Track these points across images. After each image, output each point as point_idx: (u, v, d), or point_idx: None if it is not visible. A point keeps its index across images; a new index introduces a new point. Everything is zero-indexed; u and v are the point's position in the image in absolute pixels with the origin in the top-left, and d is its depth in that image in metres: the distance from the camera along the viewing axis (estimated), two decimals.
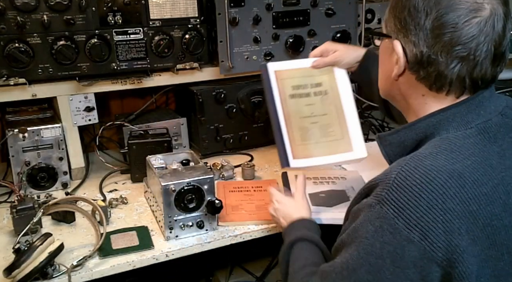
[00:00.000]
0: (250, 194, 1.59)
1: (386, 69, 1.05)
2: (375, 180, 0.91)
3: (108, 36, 1.68)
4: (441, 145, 0.91)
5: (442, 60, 0.92)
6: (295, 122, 1.47)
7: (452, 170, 0.85)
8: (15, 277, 1.15)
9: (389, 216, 0.84)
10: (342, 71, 1.54)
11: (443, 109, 0.96)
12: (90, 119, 1.76)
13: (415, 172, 0.85)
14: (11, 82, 1.59)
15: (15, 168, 1.63)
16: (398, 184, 0.85)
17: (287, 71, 1.51)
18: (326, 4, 1.90)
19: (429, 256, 0.82)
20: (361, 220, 0.88)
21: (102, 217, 1.36)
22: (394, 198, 0.84)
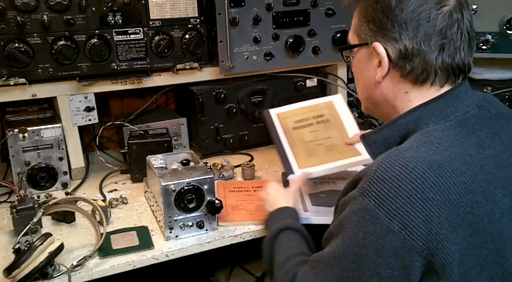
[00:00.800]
0: (250, 194, 1.59)
1: (366, 77, 1.07)
2: (359, 173, 0.94)
3: (108, 36, 1.68)
4: (421, 138, 0.94)
5: (426, 49, 0.96)
6: (300, 145, 1.55)
7: (431, 160, 0.87)
8: (15, 277, 1.15)
9: (370, 207, 0.86)
10: (340, 100, 1.65)
11: (422, 105, 0.99)
12: (90, 119, 1.76)
13: (395, 163, 0.87)
14: (11, 82, 1.59)
15: (15, 168, 1.63)
16: (378, 175, 0.87)
17: (289, 112, 1.64)
18: (326, 4, 1.91)
19: (409, 245, 0.84)
20: (346, 212, 0.92)
21: (102, 217, 1.36)
22: (375, 189, 0.87)
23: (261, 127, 1.99)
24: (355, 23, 1.07)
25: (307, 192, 1.60)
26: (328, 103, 1.65)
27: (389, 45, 0.99)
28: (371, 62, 1.03)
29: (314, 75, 2.04)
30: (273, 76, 1.96)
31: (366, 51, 1.04)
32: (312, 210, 1.49)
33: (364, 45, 1.04)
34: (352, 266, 0.89)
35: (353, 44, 1.08)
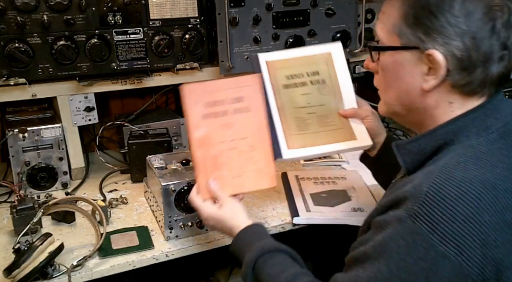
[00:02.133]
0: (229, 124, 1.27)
1: (406, 83, 0.97)
2: (402, 192, 0.87)
3: (108, 36, 1.68)
4: (466, 153, 0.89)
5: (490, 61, 0.90)
6: (290, 113, 1.36)
7: (484, 180, 0.83)
8: (15, 277, 1.15)
9: (422, 231, 0.81)
10: (340, 51, 1.43)
11: (462, 115, 0.94)
12: (90, 119, 1.76)
13: (448, 184, 0.82)
14: (11, 82, 1.59)
15: (15, 168, 1.63)
16: (431, 197, 0.82)
17: (280, 61, 1.39)
18: (326, 4, 1.90)
19: (465, 272, 0.80)
20: (391, 234, 0.85)
21: (102, 217, 1.36)
22: (427, 212, 0.81)
23: None
24: (392, 21, 0.96)
25: (308, 192, 1.61)
26: (326, 56, 1.42)
27: (449, 53, 0.90)
28: (417, 68, 0.94)
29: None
30: None
31: (411, 55, 0.94)
32: (314, 210, 1.50)
33: (410, 49, 0.94)
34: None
35: (396, 46, 0.96)
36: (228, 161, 1.26)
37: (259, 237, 1.14)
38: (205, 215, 1.21)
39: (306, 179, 1.71)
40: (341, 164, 1.85)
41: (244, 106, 1.28)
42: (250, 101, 1.28)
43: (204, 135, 1.24)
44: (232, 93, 1.27)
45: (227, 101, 1.26)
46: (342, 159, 1.86)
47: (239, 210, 1.21)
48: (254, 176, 1.27)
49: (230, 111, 1.27)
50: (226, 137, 1.26)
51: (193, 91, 1.25)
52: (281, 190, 1.64)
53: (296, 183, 1.67)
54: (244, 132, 1.27)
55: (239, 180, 1.26)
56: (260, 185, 1.29)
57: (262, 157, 1.28)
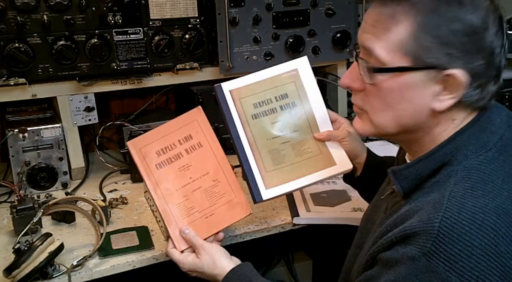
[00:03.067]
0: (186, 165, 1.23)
1: (412, 105, 0.89)
2: (410, 227, 0.82)
3: (108, 36, 1.68)
4: (470, 176, 0.85)
5: (500, 74, 0.88)
6: (263, 146, 1.28)
7: (496, 207, 0.80)
8: (15, 277, 1.15)
9: (439, 270, 0.77)
10: (307, 66, 1.34)
11: (458, 133, 0.90)
12: (90, 119, 1.76)
13: (461, 217, 0.78)
14: (11, 82, 1.59)
15: (15, 168, 1.63)
16: (445, 233, 0.77)
17: (245, 88, 1.30)
18: (326, 4, 1.90)
19: None
20: (403, 273, 0.80)
21: (102, 217, 1.36)
22: (443, 249, 0.77)
23: None
24: (399, 39, 0.86)
25: (308, 192, 1.61)
26: (293, 75, 1.32)
27: (470, 72, 0.84)
28: (428, 89, 0.87)
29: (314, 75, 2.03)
30: None
31: (424, 75, 0.86)
32: (314, 210, 1.50)
33: (423, 70, 0.86)
34: None
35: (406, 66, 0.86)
36: (195, 203, 1.21)
37: (247, 280, 1.10)
38: (186, 267, 1.17)
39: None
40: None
41: (195, 143, 1.24)
42: (199, 136, 1.25)
43: (164, 185, 1.20)
44: (179, 134, 1.23)
45: (176, 143, 1.23)
46: None
47: (218, 255, 1.15)
48: (226, 210, 1.24)
49: (183, 152, 1.23)
50: (187, 180, 1.22)
51: (140, 145, 1.21)
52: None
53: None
54: (203, 169, 1.24)
55: (212, 218, 1.22)
56: (235, 216, 1.25)
57: (228, 188, 1.25)
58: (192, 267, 1.16)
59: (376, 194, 1.17)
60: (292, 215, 1.47)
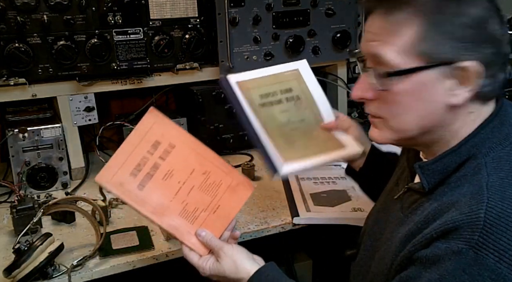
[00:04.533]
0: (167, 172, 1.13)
1: (430, 103, 0.89)
2: (452, 221, 0.80)
3: (108, 36, 1.68)
4: (501, 166, 0.85)
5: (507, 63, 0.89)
6: (274, 130, 1.27)
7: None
8: (15, 277, 1.15)
9: (489, 262, 0.75)
10: (306, 67, 1.39)
11: (482, 126, 0.90)
12: (90, 119, 1.76)
13: (505, 205, 0.78)
14: (11, 82, 1.59)
15: (15, 168, 1.63)
16: (492, 224, 0.76)
17: (251, 81, 1.31)
18: (326, 4, 1.91)
19: None
20: (449, 269, 0.78)
21: (102, 217, 1.36)
22: (491, 240, 0.76)
23: None
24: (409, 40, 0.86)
25: (308, 192, 1.61)
26: (294, 73, 1.37)
27: (483, 61, 0.85)
28: (443, 84, 0.87)
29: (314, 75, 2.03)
30: None
31: (438, 71, 0.86)
32: (314, 210, 1.50)
33: (437, 66, 0.86)
34: None
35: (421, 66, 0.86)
36: (196, 204, 1.14)
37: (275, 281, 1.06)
38: (207, 272, 1.11)
39: (306, 179, 1.70)
40: (341, 164, 1.84)
41: (166, 146, 1.13)
42: (166, 137, 1.14)
43: (156, 203, 1.11)
44: (144, 145, 1.12)
45: (147, 155, 1.12)
46: None
47: (239, 256, 1.09)
48: (230, 196, 1.17)
49: (159, 161, 1.12)
50: (177, 186, 1.13)
51: (109, 176, 1.09)
52: (281, 190, 1.64)
53: (296, 183, 1.67)
54: (188, 167, 1.15)
55: (220, 211, 1.15)
56: (242, 198, 1.18)
57: (221, 175, 1.17)
58: (214, 272, 1.10)
59: (382, 195, 1.16)
60: (292, 215, 1.47)
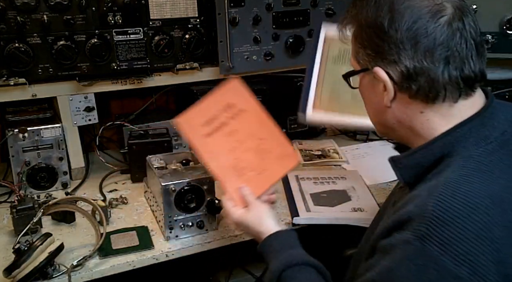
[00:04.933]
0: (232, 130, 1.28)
1: (374, 103, 1.02)
2: (406, 213, 0.84)
3: (108, 36, 1.68)
4: (467, 165, 0.87)
5: (430, 66, 0.90)
6: (329, 83, 1.37)
7: (491, 193, 0.81)
8: (15, 277, 1.15)
9: (433, 253, 0.77)
10: None
11: (459, 125, 0.92)
12: (90, 119, 1.76)
13: (454, 201, 0.80)
14: (11, 82, 1.59)
15: (15, 168, 1.63)
16: (438, 216, 0.78)
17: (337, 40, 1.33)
18: (326, 4, 1.90)
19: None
20: (398, 258, 0.81)
21: (102, 217, 1.36)
22: (437, 233, 0.78)
23: None
24: (353, 49, 1.02)
25: (308, 191, 1.61)
26: None
27: (390, 68, 0.93)
28: (376, 87, 0.97)
29: None
30: (273, 76, 1.96)
31: (369, 76, 0.98)
32: (314, 210, 1.50)
33: (365, 71, 0.99)
34: None
35: (355, 70, 1.03)
36: (247, 163, 1.26)
37: (288, 245, 1.11)
38: (235, 218, 1.19)
39: (306, 179, 1.71)
40: (341, 164, 1.85)
41: (237, 109, 1.29)
42: (241, 103, 1.29)
43: (215, 151, 1.24)
44: (220, 105, 1.28)
45: (219, 113, 1.27)
46: (342, 159, 1.86)
47: (266, 215, 1.18)
48: (277, 163, 1.28)
49: (228, 120, 1.27)
50: (236, 143, 1.26)
51: (186, 120, 1.26)
52: (281, 190, 1.64)
53: (296, 183, 1.67)
54: (250, 131, 1.28)
55: (265, 173, 1.26)
56: (286, 167, 1.30)
57: (275, 143, 1.29)
58: (239, 219, 1.18)
59: None
60: (292, 215, 1.47)
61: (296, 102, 1.69)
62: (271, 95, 1.96)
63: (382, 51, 0.93)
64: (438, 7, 0.90)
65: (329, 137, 2.10)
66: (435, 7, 0.90)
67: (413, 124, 0.97)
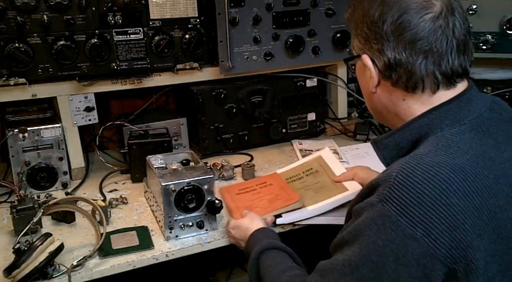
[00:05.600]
0: (257, 192, 1.59)
1: (364, 87, 1.09)
2: (376, 179, 0.91)
3: (108, 36, 1.68)
4: (438, 142, 0.92)
5: (408, 59, 0.96)
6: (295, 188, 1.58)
7: (453, 164, 0.86)
8: (15, 277, 1.15)
9: (391, 214, 0.84)
10: (328, 152, 1.70)
11: (435, 108, 0.98)
12: (90, 119, 1.76)
13: (416, 169, 0.85)
14: (11, 82, 1.59)
15: (15, 168, 1.63)
16: (399, 181, 0.85)
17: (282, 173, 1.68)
18: (326, 4, 1.91)
19: (432, 253, 0.82)
20: (364, 218, 0.89)
21: (102, 217, 1.36)
22: (397, 196, 0.84)
23: (261, 128, 1.99)
24: (351, 38, 1.09)
25: None
26: (317, 158, 1.70)
27: (375, 57, 1.00)
28: (365, 73, 1.04)
29: (314, 75, 2.04)
30: (273, 76, 1.96)
31: (360, 63, 1.06)
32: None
33: (357, 58, 1.06)
34: (370, 275, 0.86)
35: (351, 56, 1.10)
36: (259, 205, 1.50)
37: (268, 236, 1.26)
38: (231, 223, 1.36)
39: None
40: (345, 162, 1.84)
41: (268, 184, 1.63)
42: (271, 181, 1.64)
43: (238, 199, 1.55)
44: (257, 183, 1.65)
45: (254, 186, 1.63)
46: (342, 159, 1.86)
47: (257, 218, 1.35)
48: (281, 203, 1.48)
49: (257, 188, 1.61)
50: (255, 197, 1.56)
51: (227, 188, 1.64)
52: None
53: None
54: (269, 192, 1.57)
55: (269, 208, 1.46)
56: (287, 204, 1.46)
57: (285, 194, 1.53)
58: (235, 223, 1.35)
59: None
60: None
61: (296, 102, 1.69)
62: (271, 95, 1.96)
63: (370, 40, 1.00)
64: (426, 4, 0.96)
65: (329, 138, 2.10)
66: (423, 3, 0.96)
67: (397, 111, 1.04)
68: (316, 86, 2.05)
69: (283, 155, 1.95)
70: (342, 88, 2.14)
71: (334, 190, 1.52)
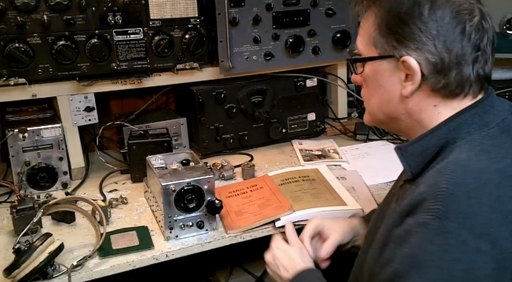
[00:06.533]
0: (248, 195, 1.57)
1: (387, 91, 0.99)
2: (418, 195, 0.84)
3: (108, 36, 1.68)
4: (472, 147, 0.88)
5: (463, 62, 0.91)
6: (285, 194, 1.53)
7: (500, 169, 0.82)
8: (15, 277, 1.15)
9: (452, 229, 0.76)
10: (325, 168, 1.72)
11: (461, 112, 0.94)
12: (90, 119, 1.76)
13: (466, 177, 0.80)
14: (11, 82, 1.59)
15: (15, 168, 1.63)
16: (452, 193, 0.78)
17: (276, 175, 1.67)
18: (326, 4, 1.91)
19: (502, 265, 0.76)
20: (418, 242, 0.80)
21: (102, 217, 1.36)
22: (453, 209, 0.77)
23: (261, 128, 1.99)
24: (369, 33, 0.99)
25: None
26: (314, 169, 1.71)
27: (422, 58, 0.92)
28: (395, 76, 0.96)
29: (314, 75, 2.04)
30: (273, 76, 1.96)
31: (388, 64, 0.96)
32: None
33: (387, 58, 0.96)
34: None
35: (373, 56, 0.99)
36: (249, 210, 1.48)
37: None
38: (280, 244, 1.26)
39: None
40: (341, 164, 1.85)
41: (259, 186, 1.61)
42: (261, 184, 1.62)
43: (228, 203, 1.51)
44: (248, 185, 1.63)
45: (244, 188, 1.61)
46: (342, 159, 1.86)
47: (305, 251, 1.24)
48: (272, 210, 1.45)
49: (248, 191, 1.59)
50: (246, 201, 1.53)
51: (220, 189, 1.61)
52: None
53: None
54: (260, 197, 1.54)
55: (259, 215, 1.44)
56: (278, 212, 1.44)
57: (276, 200, 1.50)
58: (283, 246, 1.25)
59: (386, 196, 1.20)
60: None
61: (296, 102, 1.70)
62: (271, 95, 1.96)
63: (418, 39, 0.91)
64: (471, 6, 0.92)
65: (329, 137, 2.10)
66: (470, 6, 0.92)
67: (421, 117, 0.97)
68: (316, 86, 2.05)
69: (283, 155, 1.95)
70: (342, 88, 2.14)
71: (332, 200, 1.51)
